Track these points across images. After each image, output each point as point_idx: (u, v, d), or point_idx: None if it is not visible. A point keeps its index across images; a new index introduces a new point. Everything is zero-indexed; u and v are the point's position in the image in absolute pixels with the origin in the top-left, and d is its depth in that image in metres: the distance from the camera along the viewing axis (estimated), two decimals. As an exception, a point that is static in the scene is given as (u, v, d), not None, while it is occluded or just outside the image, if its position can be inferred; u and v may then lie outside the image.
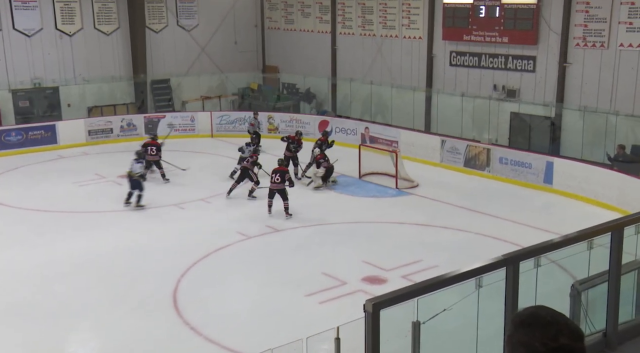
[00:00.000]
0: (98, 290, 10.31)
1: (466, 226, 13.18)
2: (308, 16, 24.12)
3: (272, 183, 13.71)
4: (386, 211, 14.36)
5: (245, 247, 12.21)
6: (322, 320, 8.70)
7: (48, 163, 18.29)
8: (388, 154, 16.69)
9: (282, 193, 13.63)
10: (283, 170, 13.88)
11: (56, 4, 21.41)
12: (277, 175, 13.66)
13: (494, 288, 5.24)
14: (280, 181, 13.61)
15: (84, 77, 22.07)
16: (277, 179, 13.62)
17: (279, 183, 13.61)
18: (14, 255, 11.73)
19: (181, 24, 24.02)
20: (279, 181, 13.60)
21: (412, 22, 20.61)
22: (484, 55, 18.63)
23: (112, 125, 20.89)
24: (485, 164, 16.82)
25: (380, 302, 4.34)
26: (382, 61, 21.63)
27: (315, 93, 23.65)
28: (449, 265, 10.35)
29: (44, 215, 13.97)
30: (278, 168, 13.88)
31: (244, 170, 15.04)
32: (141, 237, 12.65)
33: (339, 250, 12.01)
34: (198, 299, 10.02)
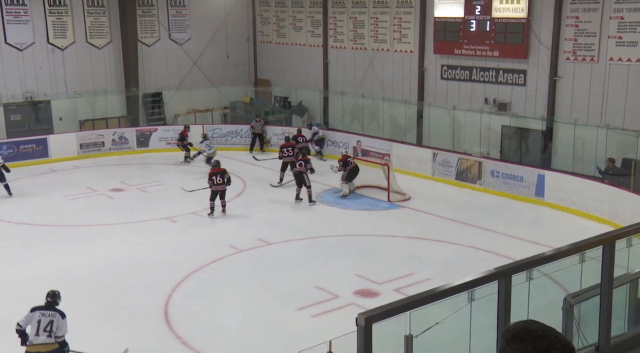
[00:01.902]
0: (89, 303, 10.22)
1: (458, 239, 13.19)
2: (300, 30, 24.24)
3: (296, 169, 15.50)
4: (378, 224, 14.36)
5: (237, 260, 12.16)
6: (314, 334, 8.65)
7: (39, 176, 18.20)
8: (380, 167, 16.73)
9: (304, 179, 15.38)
10: (306, 159, 15.81)
11: (48, 17, 21.43)
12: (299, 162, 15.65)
13: (486, 301, 5.24)
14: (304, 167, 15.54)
15: (75, 90, 22.04)
16: (299, 164, 15.50)
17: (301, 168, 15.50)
18: (4, 268, 11.63)
19: (173, 37, 24.08)
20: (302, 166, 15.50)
21: (403, 36, 20.75)
22: (475, 69, 18.76)
23: (103, 138, 20.84)
24: (477, 177, 16.87)
25: (372, 315, 4.33)
26: (374, 75, 21.74)
27: (307, 106, 23.71)
28: (441, 279, 10.39)
29: (35, 228, 13.88)
30: (302, 157, 15.91)
31: (298, 174, 15.58)
32: (132, 251, 12.58)
33: (331, 263, 11.99)
34: (189, 313, 9.95)
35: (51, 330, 7.60)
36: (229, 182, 14.63)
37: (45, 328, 7.59)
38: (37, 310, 7.72)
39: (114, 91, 22.78)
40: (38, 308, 7.76)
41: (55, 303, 7.83)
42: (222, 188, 14.52)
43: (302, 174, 15.58)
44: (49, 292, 7.91)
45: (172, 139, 21.42)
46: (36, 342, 7.60)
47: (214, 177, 14.47)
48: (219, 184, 14.45)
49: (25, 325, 7.70)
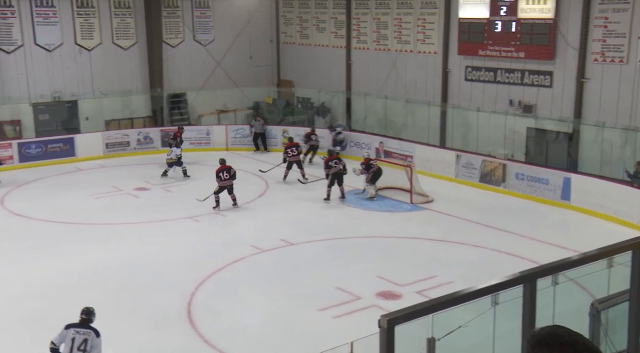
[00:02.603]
0: (112, 302, 10.33)
1: (482, 242, 13.07)
2: (323, 31, 24.25)
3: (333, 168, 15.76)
4: (401, 226, 14.29)
5: (259, 260, 12.19)
6: (336, 335, 8.64)
7: (66, 175, 18.47)
8: (403, 169, 16.65)
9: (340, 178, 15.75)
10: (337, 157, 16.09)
11: (76, 19, 21.74)
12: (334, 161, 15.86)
13: (510, 305, 5.18)
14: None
15: (102, 90, 22.32)
16: (334, 164, 15.80)
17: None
18: (30, 266, 11.81)
19: (197, 38, 24.26)
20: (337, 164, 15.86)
21: (427, 37, 20.64)
22: (499, 70, 18.58)
23: (129, 138, 21.08)
24: (501, 180, 16.70)
25: (395, 317, 4.31)
26: (397, 76, 21.66)
27: (329, 107, 23.70)
28: (464, 282, 10.30)
29: (61, 226, 14.08)
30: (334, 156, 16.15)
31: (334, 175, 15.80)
32: (156, 250, 12.69)
33: (353, 264, 11.96)
34: (212, 312, 10.01)
35: (85, 349, 7.30)
36: (234, 176, 15.27)
37: (79, 347, 7.29)
38: (72, 328, 7.42)
39: (139, 91, 23.03)
40: (72, 325, 7.46)
41: (89, 321, 7.54)
42: (229, 184, 15.15)
43: (339, 173, 15.77)
44: (84, 309, 7.60)
45: (196, 139, 21.60)
46: None
47: (221, 173, 15.16)
48: (226, 180, 15.12)
49: (59, 343, 7.39)
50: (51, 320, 9.68)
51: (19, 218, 14.62)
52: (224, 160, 15.76)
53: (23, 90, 20.92)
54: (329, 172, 15.81)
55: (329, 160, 15.97)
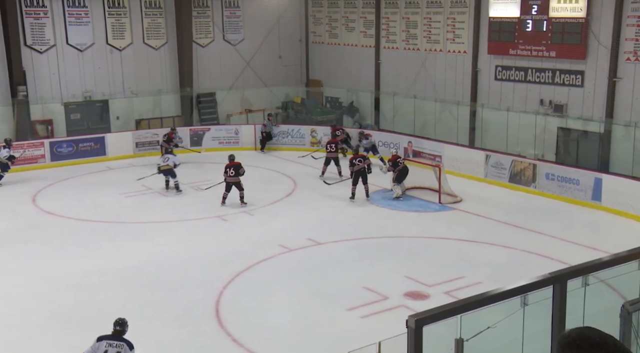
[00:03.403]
0: (141, 299, 10.47)
1: (511, 243, 12.93)
2: (352, 30, 24.23)
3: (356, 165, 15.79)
4: (429, 226, 14.22)
5: (287, 259, 12.24)
6: (363, 335, 8.64)
7: (97, 174, 18.77)
8: (431, 169, 16.56)
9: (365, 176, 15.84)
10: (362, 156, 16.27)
11: (107, 19, 22.07)
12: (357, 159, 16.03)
13: (540, 307, 5.13)
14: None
15: (132, 90, 22.62)
16: (358, 162, 15.92)
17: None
18: (61, 263, 12.03)
19: (227, 38, 24.44)
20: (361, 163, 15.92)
21: (456, 36, 20.48)
22: (530, 70, 18.36)
23: (158, 137, 21.31)
24: (531, 180, 16.50)
25: (423, 318, 4.30)
26: (426, 75, 21.54)
27: (358, 107, 23.69)
28: (492, 282, 10.21)
29: (92, 225, 14.32)
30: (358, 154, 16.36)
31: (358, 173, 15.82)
32: (185, 248, 12.83)
33: (380, 264, 11.94)
34: (240, 311, 10.08)
35: None
36: (241, 173, 15.36)
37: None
38: (104, 340, 7.19)
39: (169, 91, 23.28)
40: (105, 337, 7.24)
41: (123, 333, 7.33)
42: (235, 181, 15.24)
43: (363, 172, 15.81)
44: (117, 320, 7.39)
45: (225, 138, 21.76)
46: None
47: (228, 169, 15.30)
48: (232, 176, 15.22)
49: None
50: (80, 317, 9.88)
51: (50, 217, 14.90)
52: (233, 156, 15.85)
53: (55, 89, 21.31)
54: (353, 170, 15.82)
55: (354, 158, 15.99)
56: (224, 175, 15.39)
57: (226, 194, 15.34)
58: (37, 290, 10.79)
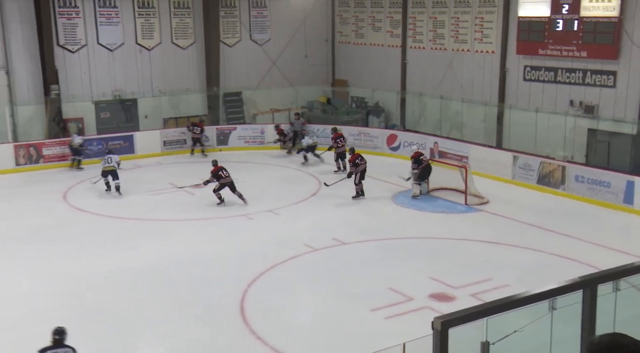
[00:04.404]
0: (167, 296, 10.57)
1: (539, 245, 12.76)
2: (379, 30, 24.15)
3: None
4: (455, 227, 14.10)
5: (312, 259, 12.25)
6: (388, 336, 8.61)
7: (125, 172, 18.96)
8: (457, 169, 16.42)
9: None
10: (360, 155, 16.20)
11: (137, 19, 22.33)
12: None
13: (568, 311, 5.04)
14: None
15: (160, 89, 22.86)
16: (359, 161, 15.91)
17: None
18: (89, 260, 12.19)
19: (254, 38, 24.55)
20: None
21: (484, 36, 20.28)
22: (560, 70, 18.09)
23: (185, 136, 21.51)
24: (560, 182, 16.26)
25: (449, 320, 4.26)
26: (453, 75, 21.37)
27: (383, 107, 23.60)
28: (520, 285, 10.08)
29: (120, 222, 14.50)
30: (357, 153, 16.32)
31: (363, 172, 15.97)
32: (211, 246, 12.91)
33: (405, 265, 11.87)
34: (265, 309, 10.11)
35: None
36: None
37: None
38: (47, 351, 7.16)
39: (196, 90, 23.47)
40: (48, 348, 7.19)
41: (62, 340, 7.31)
42: (229, 181, 15.44)
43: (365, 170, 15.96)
44: (56, 329, 7.35)
45: (251, 137, 21.86)
46: None
47: (220, 172, 15.47)
48: (227, 177, 15.42)
49: None
50: (109, 314, 10.00)
51: (81, 213, 15.12)
52: (216, 161, 16.01)
53: (86, 88, 21.63)
54: (357, 170, 15.84)
55: (355, 158, 15.99)
56: (215, 179, 15.47)
57: (220, 195, 15.49)
58: (66, 287, 10.94)
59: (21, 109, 20.46)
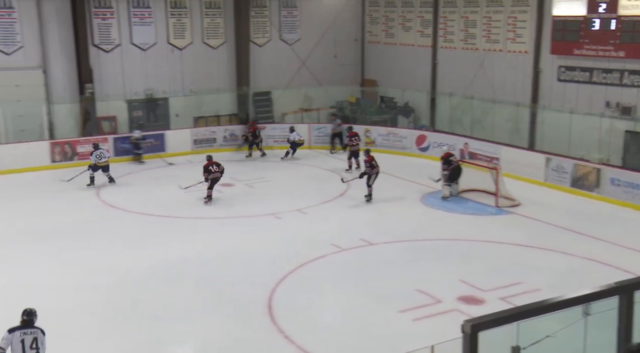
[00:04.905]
0: (196, 294, 10.64)
1: (572, 249, 12.51)
2: (409, 30, 23.99)
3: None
4: (485, 229, 13.91)
5: (339, 259, 12.20)
6: (416, 338, 8.53)
7: (156, 170, 19.21)
8: (488, 171, 16.20)
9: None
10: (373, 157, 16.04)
11: (169, 19, 22.56)
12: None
13: (603, 317, 4.91)
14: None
15: (191, 88, 23.06)
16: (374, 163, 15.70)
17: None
18: (121, 256, 12.34)
19: (284, 38, 24.60)
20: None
21: (517, 35, 19.99)
22: (596, 70, 17.72)
23: (215, 135, 21.66)
24: (595, 185, 15.93)
25: (479, 323, 4.18)
26: (485, 75, 21.10)
27: (413, 107, 23.43)
28: (552, 290, 9.89)
29: (151, 219, 14.65)
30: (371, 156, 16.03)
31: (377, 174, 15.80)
32: (239, 245, 12.97)
33: (434, 267, 11.75)
34: (292, 308, 10.10)
35: (37, 347, 7.33)
36: (223, 171, 15.95)
37: (31, 346, 7.31)
38: (17, 330, 7.34)
39: (226, 90, 23.61)
40: (16, 328, 7.37)
41: (32, 322, 7.48)
42: (217, 177, 15.75)
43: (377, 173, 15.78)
44: (25, 310, 7.51)
45: (280, 137, 21.90)
46: None
47: (211, 167, 15.72)
48: (216, 172, 15.73)
49: (6, 347, 7.32)
50: (139, 309, 10.11)
51: (113, 210, 15.32)
52: (210, 156, 16.48)
53: (119, 87, 21.93)
54: (372, 172, 15.64)
55: (371, 160, 15.79)
56: (205, 174, 15.74)
57: (211, 192, 15.71)
58: (98, 282, 11.09)
59: (57, 107, 20.86)
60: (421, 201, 15.87)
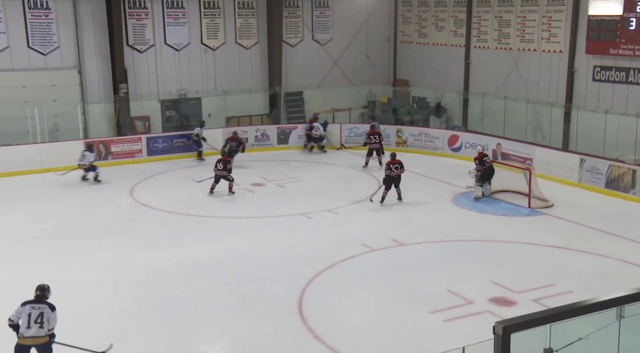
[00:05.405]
0: (226, 293, 10.75)
1: (607, 251, 12.32)
2: (442, 30, 23.87)
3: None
4: (517, 230, 13.79)
5: (370, 259, 12.22)
6: (447, 339, 8.51)
7: (189, 169, 19.46)
8: (521, 172, 16.04)
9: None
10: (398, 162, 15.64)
11: (203, 20, 22.85)
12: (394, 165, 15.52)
13: (637, 320, 4.87)
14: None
15: (223, 88, 23.31)
16: (395, 168, 15.44)
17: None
18: (151, 255, 12.52)
19: (316, 38, 24.70)
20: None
21: (552, 35, 19.74)
22: (632, 70, 17.41)
23: (247, 134, 21.84)
24: (630, 186, 15.65)
25: (511, 325, 4.19)
26: (518, 75, 20.88)
27: (445, 107, 23.30)
28: (585, 292, 9.78)
29: (183, 218, 14.86)
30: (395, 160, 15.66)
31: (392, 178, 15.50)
32: (270, 244, 13.07)
33: (465, 268, 11.69)
34: (322, 308, 10.16)
35: (42, 322, 7.70)
36: (228, 170, 16.47)
37: (36, 320, 7.70)
38: (28, 304, 7.80)
39: (259, 90, 23.81)
40: (28, 302, 7.84)
41: (44, 297, 7.91)
42: (221, 174, 16.38)
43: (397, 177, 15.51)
44: (38, 286, 7.98)
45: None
46: (27, 335, 7.70)
47: (218, 163, 16.54)
48: (220, 170, 16.37)
49: (16, 319, 7.79)
50: (168, 308, 10.27)
51: (146, 209, 15.58)
52: (224, 152, 17.72)
53: (153, 87, 22.29)
54: (391, 174, 15.38)
55: (391, 164, 15.45)
56: (214, 169, 16.57)
57: (214, 185, 16.44)
58: (129, 280, 11.29)
59: (92, 107, 21.28)
60: (453, 202, 15.79)
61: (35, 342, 7.76)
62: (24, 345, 7.77)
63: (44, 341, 7.78)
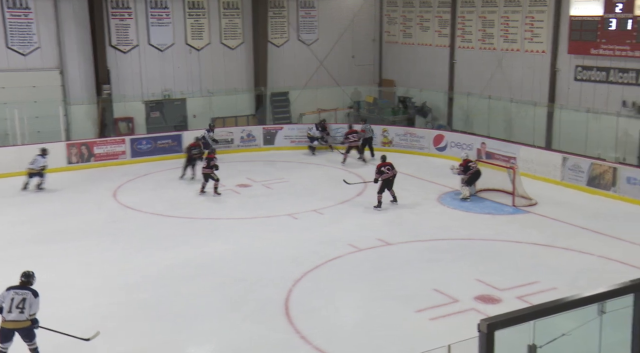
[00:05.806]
0: (216, 294, 10.76)
1: (588, 248, 12.50)
2: (427, 30, 24.02)
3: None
4: (502, 229, 13.93)
5: (356, 259, 12.29)
6: (433, 337, 8.61)
7: (173, 171, 19.38)
8: (505, 170, 16.20)
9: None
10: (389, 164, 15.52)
11: (187, 20, 22.79)
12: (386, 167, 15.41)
13: (618, 315, 4.97)
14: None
15: (209, 89, 23.25)
16: (387, 170, 15.30)
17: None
18: (137, 257, 12.48)
19: (301, 38, 24.74)
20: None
21: (535, 35, 19.94)
22: (612, 70, 17.65)
23: (233, 135, 21.82)
24: (611, 184, 15.87)
25: (495, 322, 4.26)
26: (502, 75, 21.07)
27: (431, 107, 23.44)
28: (568, 289, 9.93)
29: (168, 220, 14.81)
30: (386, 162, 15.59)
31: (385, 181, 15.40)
32: (256, 245, 13.08)
33: (451, 267, 11.80)
34: (309, 309, 10.20)
35: (23, 307, 7.96)
36: (213, 167, 16.50)
37: (17, 306, 7.96)
38: (12, 289, 8.09)
39: (244, 90, 23.78)
40: (12, 287, 8.13)
41: (29, 283, 8.18)
42: (206, 172, 16.55)
43: (390, 180, 15.31)
44: (23, 272, 8.28)
45: (297, 137, 22.02)
46: (8, 318, 7.98)
47: (203, 162, 16.80)
48: (204, 168, 16.56)
49: (0, 303, 8.08)
50: (161, 308, 10.27)
51: (130, 211, 15.49)
52: (213, 149, 17.96)
53: (136, 88, 22.17)
54: (381, 178, 15.23)
55: (382, 166, 15.34)
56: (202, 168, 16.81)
57: (205, 184, 16.53)
58: (117, 283, 11.26)
59: (74, 108, 21.09)
60: (438, 201, 15.91)
61: (16, 325, 8.02)
62: (6, 328, 8.05)
63: (24, 325, 8.03)
